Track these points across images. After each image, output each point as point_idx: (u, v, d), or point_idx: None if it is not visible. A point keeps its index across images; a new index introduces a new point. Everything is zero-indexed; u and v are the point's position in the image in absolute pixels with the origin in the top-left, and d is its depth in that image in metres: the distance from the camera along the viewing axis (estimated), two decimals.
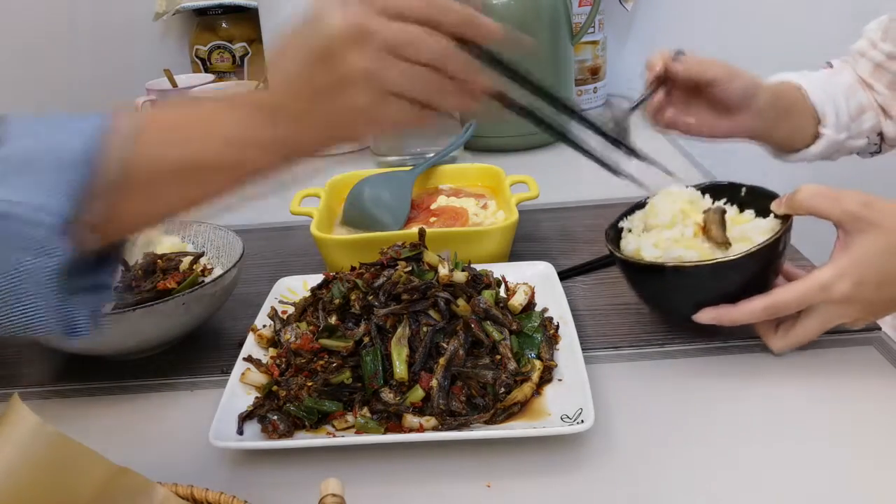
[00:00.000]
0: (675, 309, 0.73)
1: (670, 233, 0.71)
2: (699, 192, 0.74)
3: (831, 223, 0.65)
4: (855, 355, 0.69)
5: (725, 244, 0.68)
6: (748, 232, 0.69)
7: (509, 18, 1.25)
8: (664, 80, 0.85)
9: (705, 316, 0.67)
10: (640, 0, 1.59)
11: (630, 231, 0.75)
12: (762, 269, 0.67)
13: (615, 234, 0.75)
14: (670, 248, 0.69)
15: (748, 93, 0.85)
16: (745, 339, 0.72)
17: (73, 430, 0.46)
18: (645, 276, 0.71)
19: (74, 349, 0.73)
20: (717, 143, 0.99)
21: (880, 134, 0.98)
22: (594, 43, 1.52)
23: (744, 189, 0.74)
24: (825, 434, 0.61)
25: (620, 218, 0.76)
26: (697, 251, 0.68)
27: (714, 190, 0.75)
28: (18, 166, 0.46)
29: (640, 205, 0.76)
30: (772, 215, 0.70)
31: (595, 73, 1.55)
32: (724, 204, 0.73)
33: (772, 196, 0.71)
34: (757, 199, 0.72)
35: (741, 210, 0.73)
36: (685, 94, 0.86)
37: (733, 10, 1.55)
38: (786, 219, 0.68)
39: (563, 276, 0.82)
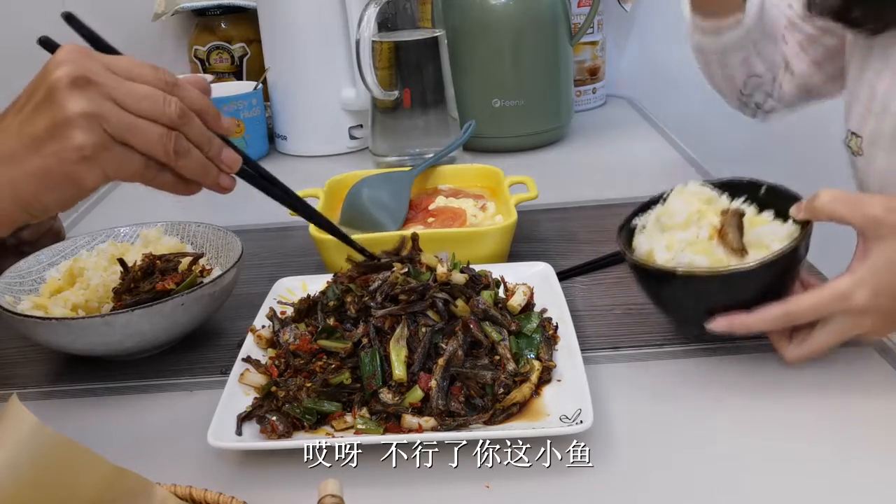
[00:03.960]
0: (685, 316, 0.71)
1: (684, 234, 0.67)
2: (717, 191, 0.70)
3: (853, 230, 0.63)
4: (856, 357, 0.69)
5: (741, 251, 0.65)
6: (765, 237, 0.65)
7: (508, 19, 1.25)
8: None
9: (718, 325, 0.64)
10: (639, 1, 1.59)
11: (643, 229, 0.71)
12: (778, 277, 0.64)
13: (628, 232, 0.72)
14: (682, 251, 0.65)
15: None
16: (744, 340, 0.72)
17: (72, 431, 0.46)
18: (655, 280, 0.68)
19: (74, 350, 0.73)
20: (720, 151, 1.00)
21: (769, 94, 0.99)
22: (593, 43, 1.52)
23: (764, 187, 0.70)
24: (826, 436, 0.61)
25: (634, 215, 0.72)
26: (709, 257, 0.65)
27: (732, 187, 0.71)
28: None
29: (656, 200, 0.72)
30: (790, 220, 0.66)
31: (594, 73, 1.55)
32: (744, 203, 0.69)
33: (793, 197, 0.68)
34: (777, 200, 0.68)
35: (760, 210, 0.69)
36: None
37: None
38: (805, 224, 0.65)
39: (562, 276, 0.82)
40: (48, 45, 0.55)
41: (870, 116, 0.82)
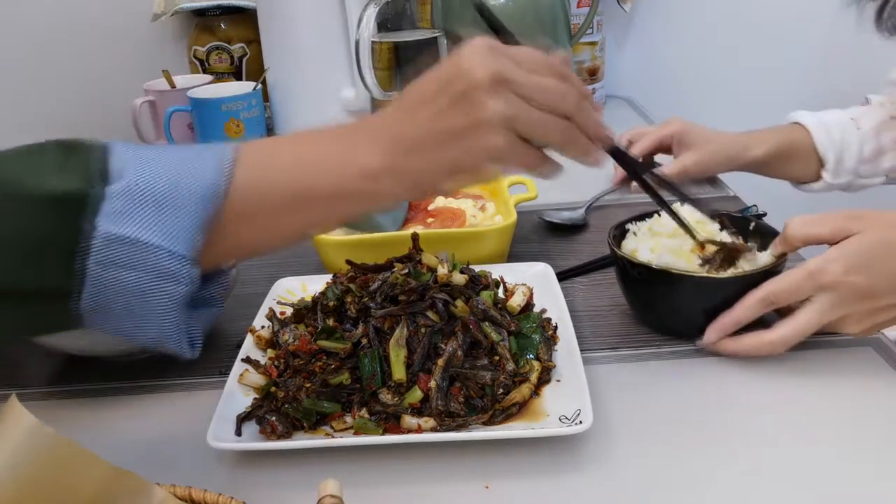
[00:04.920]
0: (657, 315, 0.75)
1: (670, 241, 0.73)
2: (708, 217, 0.75)
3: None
4: (853, 356, 0.69)
5: (718, 269, 0.70)
6: (745, 266, 0.70)
7: (508, 19, 1.23)
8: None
9: (711, 335, 0.69)
10: (638, 1, 1.59)
11: (635, 234, 0.76)
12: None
13: (620, 233, 0.77)
14: (662, 255, 0.71)
15: (731, 163, 1.01)
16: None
17: (71, 432, 0.45)
18: (631, 275, 0.74)
19: (74, 350, 0.73)
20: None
21: None
22: (592, 44, 1.53)
23: (752, 224, 0.76)
24: (823, 435, 0.61)
25: (629, 220, 0.78)
26: (686, 262, 0.70)
27: (725, 218, 0.76)
28: (150, 200, 0.49)
29: (651, 213, 0.78)
30: (768, 252, 0.71)
31: (593, 73, 1.55)
32: (732, 234, 0.74)
33: (773, 233, 0.73)
34: (765, 236, 0.74)
35: (745, 241, 0.74)
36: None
37: (731, 11, 1.56)
38: (780, 256, 0.70)
39: (562, 276, 0.82)
40: (482, 12, 0.60)
41: None
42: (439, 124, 0.52)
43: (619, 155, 0.63)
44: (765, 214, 0.97)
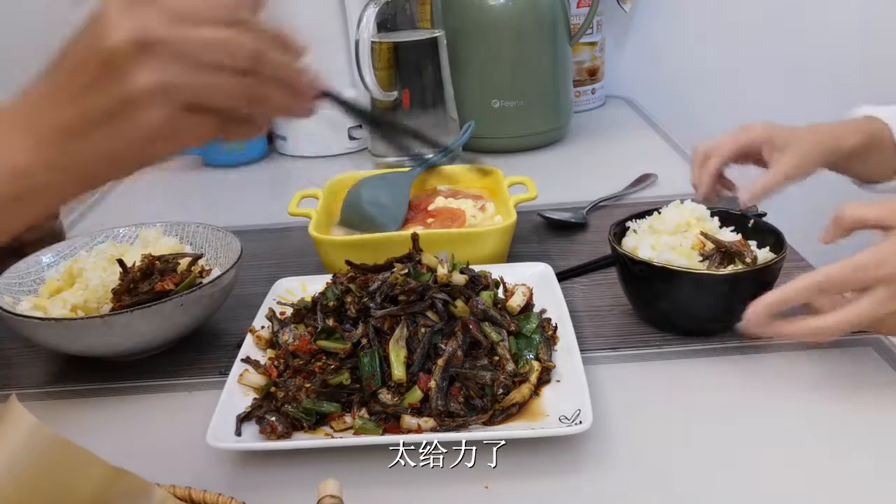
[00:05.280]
0: (658, 311, 0.76)
1: (670, 238, 0.73)
2: (708, 211, 0.76)
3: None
4: (853, 356, 0.69)
5: (718, 265, 0.71)
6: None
7: (507, 19, 1.25)
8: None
9: (758, 312, 0.63)
10: (638, 1, 1.59)
11: (635, 232, 0.77)
12: (753, 290, 0.67)
13: (620, 231, 0.78)
14: (663, 252, 0.72)
15: (826, 159, 0.86)
16: (742, 340, 0.72)
17: (71, 432, 0.46)
18: (632, 272, 0.74)
19: (73, 350, 0.73)
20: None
21: None
22: (592, 44, 1.53)
23: (751, 221, 0.77)
24: (823, 434, 0.61)
25: (629, 218, 0.79)
26: (687, 259, 0.71)
27: (724, 216, 0.77)
28: None
29: (651, 211, 0.79)
30: (767, 249, 0.72)
31: (593, 74, 1.55)
32: (731, 231, 0.75)
33: (772, 230, 0.74)
34: (763, 234, 0.75)
35: (746, 239, 0.75)
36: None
37: (731, 11, 1.55)
38: (779, 253, 0.71)
39: (562, 277, 0.82)
40: None
41: None
42: (87, 102, 0.43)
43: (332, 97, 0.55)
44: (764, 214, 0.97)
